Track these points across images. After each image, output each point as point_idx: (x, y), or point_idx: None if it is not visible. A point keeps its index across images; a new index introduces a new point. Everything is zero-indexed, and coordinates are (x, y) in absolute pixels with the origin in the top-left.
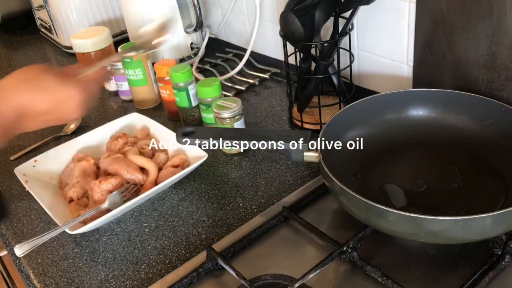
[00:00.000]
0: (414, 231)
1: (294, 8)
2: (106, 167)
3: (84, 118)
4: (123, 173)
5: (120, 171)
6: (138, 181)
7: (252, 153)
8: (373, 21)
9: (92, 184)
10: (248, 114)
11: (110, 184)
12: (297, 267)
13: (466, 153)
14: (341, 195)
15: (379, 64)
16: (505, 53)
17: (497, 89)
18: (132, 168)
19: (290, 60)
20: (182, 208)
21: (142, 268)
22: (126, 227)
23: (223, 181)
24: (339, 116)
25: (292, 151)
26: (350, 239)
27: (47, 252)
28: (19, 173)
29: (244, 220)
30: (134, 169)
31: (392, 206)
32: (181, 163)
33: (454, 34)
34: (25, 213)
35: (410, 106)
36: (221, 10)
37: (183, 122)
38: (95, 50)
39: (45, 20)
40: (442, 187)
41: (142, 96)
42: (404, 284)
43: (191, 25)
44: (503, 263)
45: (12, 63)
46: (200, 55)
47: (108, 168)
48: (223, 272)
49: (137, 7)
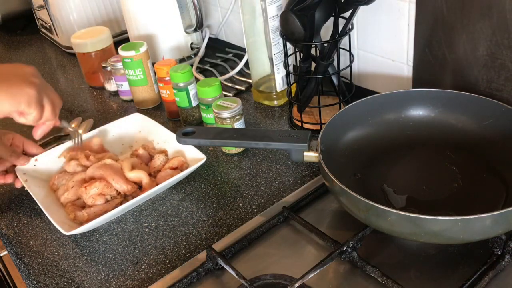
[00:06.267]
0: (414, 231)
1: (294, 8)
2: (93, 173)
3: (84, 119)
4: (109, 180)
5: (106, 178)
6: (123, 191)
7: (252, 153)
8: (373, 21)
9: (80, 192)
10: (248, 114)
11: (96, 188)
12: (297, 267)
13: (466, 153)
14: (341, 195)
15: (379, 64)
16: (505, 53)
17: (497, 89)
18: (118, 177)
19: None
20: (182, 208)
21: (142, 268)
22: (126, 227)
23: (223, 181)
24: (339, 116)
25: (292, 151)
26: (350, 239)
27: (47, 252)
28: (20, 172)
29: (244, 220)
30: (120, 177)
31: (392, 206)
32: (179, 165)
33: (454, 34)
34: (25, 213)
35: (410, 106)
36: (221, 10)
37: (183, 122)
38: (95, 50)
39: (45, 20)
40: (442, 187)
41: (142, 96)
42: (404, 284)
43: (191, 25)
44: (503, 263)
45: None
46: (200, 55)
47: (94, 174)
48: (223, 272)
49: (137, 7)
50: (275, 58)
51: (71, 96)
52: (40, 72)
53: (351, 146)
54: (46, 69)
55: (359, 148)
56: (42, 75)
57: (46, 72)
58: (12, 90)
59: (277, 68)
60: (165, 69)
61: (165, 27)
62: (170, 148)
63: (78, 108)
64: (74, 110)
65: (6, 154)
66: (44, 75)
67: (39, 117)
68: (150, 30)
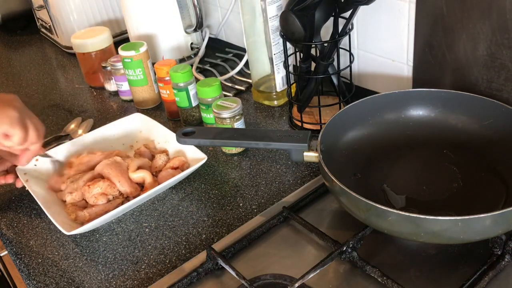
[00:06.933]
0: (414, 231)
1: (294, 8)
2: (101, 170)
3: (84, 119)
4: (114, 181)
5: (111, 179)
6: (125, 193)
7: (252, 153)
8: (373, 21)
9: (83, 190)
10: (248, 114)
11: (99, 187)
12: (297, 267)
13: (466, 153)
14: (341, 195)
15: (379, 64)
16: (505, 53)
17: (497, 89)
18: (124, 179)
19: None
20: (182, 208)
21: (142, 268)
22: (126, 227)
23: (223, 181)
24: (339, 116)
25: (292, 151)
26: (350, 239)
27: (47, 252)
28: (20, 172)
29: (244, 220)
30: (126, 179)
31: (392, 206)
32: (180, 165)
33: (454, 34)
34: (25, 213)
35: (410, 106)
36: (221, 10)
37: (183, 122)
38: (95, 50)
39: (45, 20)
40: (442, 187)
41: (142, 96)
42: (404, 284)
43: (191, 25)
44: (502, 263)
45: (12, 63)
46: (200, 55)
47: (103, 171)
48: (223, 272)
49: (137, 7)
50: (275, 58)
51: (71, 96)
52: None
53: (351, 146)
54: (46, 69)
55: (359, 148)
56: (42, 75)
57: (46, 72)
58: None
59: (277, 68)
60: (165, 69)
61: (165, 27)
62: (171, 148)
63: (78, 108)
64: (74, 110)
65: (6, 154)
66: (44, 75)
67: (23, 137)
68: (150, 30)
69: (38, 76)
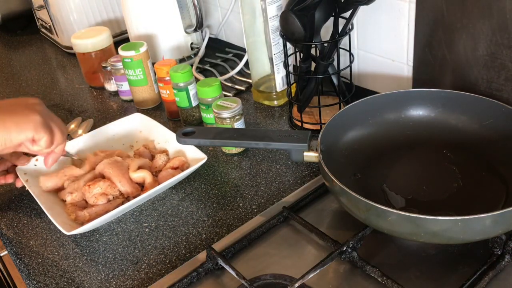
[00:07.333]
0: (414, 231)
1: (294, 8)
2: (103, 169)
3: (84, 119)
4: (115, 181)
5: (112, 178)
6: (126, 193)
7: (252, 153)
8: (373, 21)
9: (83, 190)
10: (248, 114)
11: (100, 187)
12: (297, 267)
13: (466, 153)
14: (341, 195)
15: (379, 64)
16: (505, 53)
17: (497, 89)
18: (124, 179)
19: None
20: (182, 208)
21: (142, 268)
22: (126, 227)
23: (223, 181)
24: (339, 116)
25: (292, 151)
26: (350, 239)
27: (47, 252)
28: (20, 172)
29: (244, 220)
30: (127, 179)
31: (392, 206)
32: (180, 165)
33: (454, 34)
34: (25, 213)
35: (410, 106)
36: (221, 10)
37: (183, 122)
38: (95, 50)
39: (45, 20)
40: (442, 187)
41: (142, 96)
42: (404, 284)
43: (191, 25)
44: (502, 263)
45: (12, 63)
46: (200, 55)
47: (104, 171)
48: (223, 272)
49: (137, 7)
50: (275, 58)
51: (71, 96)
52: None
53: (351, 146)
54: (46, 69)
55: (359, 148)
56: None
57: (46, 72)
58: (15, 118)
59: (277, 68)
60: (165, 69)
61: (165, 27)
62: (171, 148)
63: (78, 108)
64: (74, 110)
65: (6, 154)
66: (44, 75)
67: (50, 140)
68: (150, 30)
69: (38, 76)
